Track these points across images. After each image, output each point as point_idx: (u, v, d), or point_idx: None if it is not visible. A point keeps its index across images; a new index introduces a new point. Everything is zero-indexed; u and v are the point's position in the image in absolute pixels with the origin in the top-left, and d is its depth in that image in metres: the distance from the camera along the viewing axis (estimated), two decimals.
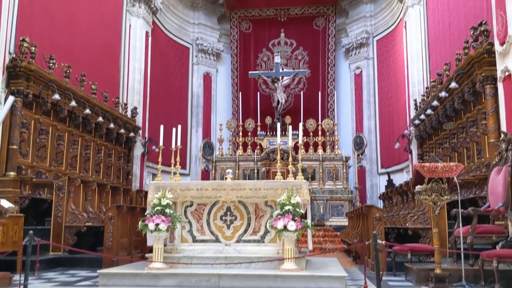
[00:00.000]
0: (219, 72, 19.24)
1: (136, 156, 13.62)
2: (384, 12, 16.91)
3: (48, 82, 8.99)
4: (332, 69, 18.19)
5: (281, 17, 18.79)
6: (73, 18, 10.74)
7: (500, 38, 6.96)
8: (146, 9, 14.46)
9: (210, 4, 18.74)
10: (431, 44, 12.19)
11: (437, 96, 9.82)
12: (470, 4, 9.20)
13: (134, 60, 13.83)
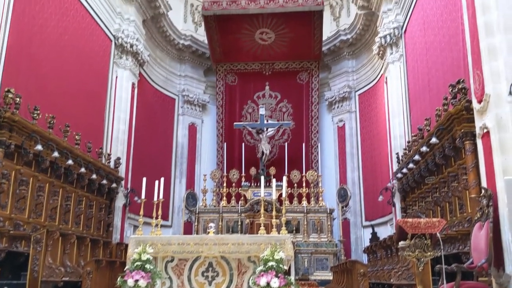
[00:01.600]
0: (205, 122, 19.40)
1: (118, 207, 13.41)
2: (366, 68, 17.43)
3: (31, 133, 8.94)
4: (315, 121, 18.48)
5: (266, 71, 19.21)
6: (60, 69, 10.85)
7: (477, 96, 7.19)
8: (133, 61, 14.69)
9: (197, 58, 19.13)
10: (412, 100, 12.53)
11: (419, 150, 9.99)
12: (448, 63, 9.55)
13: (119, 110, 13.89)
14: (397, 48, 13.49)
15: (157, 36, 17.20)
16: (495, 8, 6.94)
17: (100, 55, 13.24)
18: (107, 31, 13.53)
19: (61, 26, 10.90)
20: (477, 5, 7.22)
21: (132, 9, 14.57)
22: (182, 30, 18.38)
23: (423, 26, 11.37)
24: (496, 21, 6.88)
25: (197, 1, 19.24)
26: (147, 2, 15.18)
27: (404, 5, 12.96)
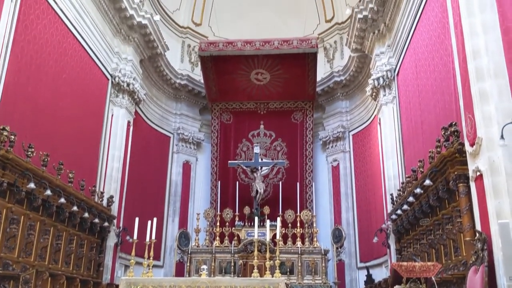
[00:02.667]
0: (199, 160, 19.42)
1: (109, 246, 13.20)
2: (359, 109, 17.65)
3: (25, 171, 8.89)
4: (310, 160, 18.53)
5: (261, 110, 19.40)
6: (56, 107, 10.91)
7: (470, 139, 7.28)
8: (130, 100, 14.81)
9: (193, 96, 19.33)
10: (405, 141, 12.63)
11: (413, 192, 9.99)
12: (440, 105, 9.69)
13: (114, 148, 13.90)
14: (390, 90, 13.71)
15: (154, 75, 17.42)
16: (485, 54, 7.14)
17: (97, 93, 13.35)
18: (105, 70, 13.70)
19: (59, 65, 11.03)
20: (468, 51, 7.42)
21: (130, 49, 14.80)
22: (179, 70, 18.66)
23: (416, 69, 11.60)
24: (486, 66, 7.07)
25: (194, 42, 19.63)
26: (145, 42, 15.44)
27: (396, 49, 13.25)
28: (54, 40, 10.81)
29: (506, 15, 7.17)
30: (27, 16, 9.70)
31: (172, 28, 19.13)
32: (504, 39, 7.09)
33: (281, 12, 20.15)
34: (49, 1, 10.51)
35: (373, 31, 14.26)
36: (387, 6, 13.22)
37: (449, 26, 8.52)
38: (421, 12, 10.90)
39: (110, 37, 13.97)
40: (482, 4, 7.34)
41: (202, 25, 20.42)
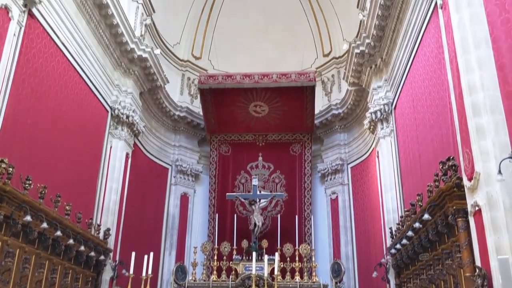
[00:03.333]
0: (197, 193, 19.35)
1: (105, 280, 12.97)
2: (357, 141, 17.72)
3: (22, 203, 8.84)
4: (308, 193, 18.47)
5: (259, 142, 19.46)
6: (55, 139, 10.94)
7: (467, 174, 7.29)
8: (129, 132, 14.86)
9: (192, 128, 19.43)
10: (403, 174, 12.63)
11: (412, 226, 9.92)
12: (438, 139, 9.75)
13: (111, 180, 13.86)
14: (388, 123, 13.80)
15: (153, 107, 17.55)
16: (481, 89, 7.22)
17: (96, 125, 13.42)
18: (104, 102, 13.80)
19: (59, 98, 11.12)
20: (464, 86, 7.51)
21: (130, 82, 14.95)
22: (178, 102, 18.81)
23: (413, 103, 11.71)
24: (482, 102, 7.14)
25: (194, 75, 19.88)
26: (145, 75, 15.61)
27: (393, 83, 13.41)
28: (55, 73, 10.94)
29: (501, 51, 7.29)
30: (29, 49, 9.85)
31: (172, 61, 19.40)
32: (499, 75, 7.18)
33: (279, 46, 20.48)
34: (51, 35, 10.68)
35: (370, 65, 14.46)
36: (383, 41, 13.45)
37: (445, 62, 8.65)
38: (417, 47, 11.08)
39: (111, 70, 14.13)
40: (477, 41, 7.47)
41: (202, 58, 20.73)
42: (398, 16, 12.15)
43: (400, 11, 11.98)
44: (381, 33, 13.32)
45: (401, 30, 12.12)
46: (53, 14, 10.69)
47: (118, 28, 13.42)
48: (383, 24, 12.98)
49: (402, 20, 11.98)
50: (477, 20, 7.59)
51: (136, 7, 15.62)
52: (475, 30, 7.54)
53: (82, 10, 12.02)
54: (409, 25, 11.44)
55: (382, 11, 12.53)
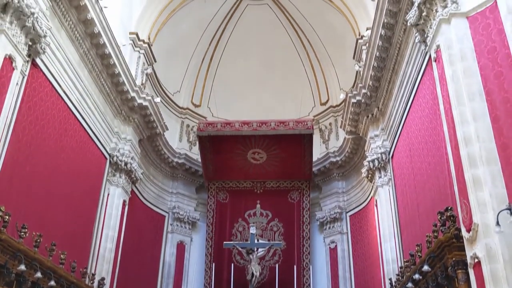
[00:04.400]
0: (194, 241, 19.10)
1: None
2: (356, 190, 17.69)
3: (16, 252, 8.70)
4: (307, 242, 18.24)
5: (257, 189, 19.41)
6: (53, 186, 10.92)
7: (466, 225, 7.27)
8: (127, 179, 14.86)
9: (190, 175, 19.43)
10: (402, 224, 12.55)
11: (411, 277, 9.75)
12: (435, 189, 9.76)
13: (108, 228, 13.71)
14: (385, 172, 13.84)
15: (152, 154, 17.61)
16: (476, 140, 7.32)
17: (94, 172, 13.42)
18: (103, 149, 13.86)
19: (58, 145, 11.19)
20: (459, 137, 7.61)
21: (130, 129, 15.09)
22: (176, 149, 18.91)
23: (410, 152, 11.80)
24: (478, 153, 7.22)
25: (193, 122, 20.11)
26: (145, 123, 15.77)
27: (390, 132, 13.55)
28: (56, 121, 11.06)
29: (495, 104, 7.44)
30: (31, 98, 10.00)
31: (172, 109, 19.67)
32: (494, 127, 7.30)
33: (278, 94, 20.85)
34: (53, 84, 10.87)
35: (366, 114, 14.66)
36: (380, 91, 13.70)
37: (440, 113, 8.79)
38: (413, 98, 11.27)
39: (111, 117, 14.29)
40: (471, 93, 7.64)
41: (201, 106, 21.04)
42: (394, 68, 12.44)
43: (395, 63, 12.28)
44: (377, 84, 13.59)
45: (397, 81, 12.37)
46: (56, 64, 10.92)
47: (120, 77, 13.68)
48: (379, 75, 13.27)
49: (397, 72, 12.26)
50: (471, 73, 7.80)
51: (138, 56, 16.00)
52: (469, 83, 7.74)
53: (84, 59, 12.29)
54: (405, 76, 11.70)
55: (377, 62, 12.83)
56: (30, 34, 9.34)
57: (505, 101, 7.28)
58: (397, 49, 11.96)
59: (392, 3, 11.07)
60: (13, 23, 8.90)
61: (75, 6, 11.11)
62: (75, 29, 11.51)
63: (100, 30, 12.06)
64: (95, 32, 11.98)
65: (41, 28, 9.41)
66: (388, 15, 11.37)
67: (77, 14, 11.34)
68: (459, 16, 8.24)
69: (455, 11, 8.25)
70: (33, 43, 9.57)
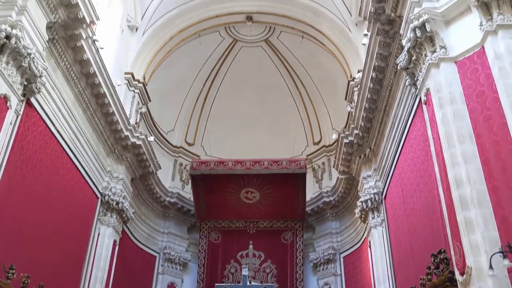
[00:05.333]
0: (184, 282, 18.75)
1: None
2: (349, 230, 17.57)
3: None
4: (300, 284, 17.97)
5: (250, 229, 19.22)
6: (43, 226, 10.75)
7: (459, 268, 7.21)
8: (118, 218, 14.68)
9: (182, 215, 19.25)
10: (396, 265, 12.42)
11: None
12: (428, 231, 9.72)
13: (97, 269, 13.42)
14: (379, 213, 13.81)
15: (144, 193, 17.48)
16: (467, 183, 7.35)
17: (85, 211, 13.27)
18: (95, 188, 13.76)
19: (49, 184, 11.10)
20: (451, 179, 7.65)
21: (122, 168, 15.03)
22: (169, 188, 18.81)
23: (402, 193, 11.81)
24: (470, 195, 7.24)
25: (186, 161, 20.11)
26: (138, 162, 15.74)
27: (383, 173, 13.60)
28: (48, 159, 11.02)
29: (485, 146, 7.52)
30: (24, 137, 9.99)
31: (165, 147, 19.70)
32: (485, 169, 7.35)
33: (271, 133, 21.00)
34: (47, 123, 10.89)
35: (359, 155, 14.75)
36: (371, 132, 13.84)
37: (431, 155, 8.86)
38: (404, 139, 11.39)
39: (104, 156, 14.26)
40: (461, 136, 7.73)
41: (194, 144, 21.11)
42: (385, 109, 12.62)
43: (386, 104, 12.47)
44: (369, 125, 13.75)
45: (388, 122, 12.53)
46: (50, 103, 10.98)
47: (114, 116, 13.75)
48: (371, 116, 13.44)
49: (389, 113, 12.43)
50: (460, 116, 7.92)
51: (133, 96, 16.15)
52: (458, 126, 7.84)
53: (79, 99, 12.37)
54: (396, 118, 11.86)
55: (369, 104, 13.03)
56: (26, 74, 9.43)
57: (495, 144, 7.36)
58: (388, 91, 12.17)
59: (383, 47, 11.34)
60: (10, 63, 8.99)
61: (72, 47, 11.27)
62: (71, 69, 11.65)
63: (95, 70, 12.19)
64: (90, 72, 12.11)
65: (37, 68, 9.50)
66: (379, 58, 11.63)
67: (73, 54, 11.49)
68: (448, 60, 8.43)
69: (444, 56, 8.45)
70: (28, 82, 9.64)
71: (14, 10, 9.01)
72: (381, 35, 11.12)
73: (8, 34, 8.71)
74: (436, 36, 8.61)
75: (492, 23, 7.87)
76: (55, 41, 10.77)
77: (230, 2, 17.52)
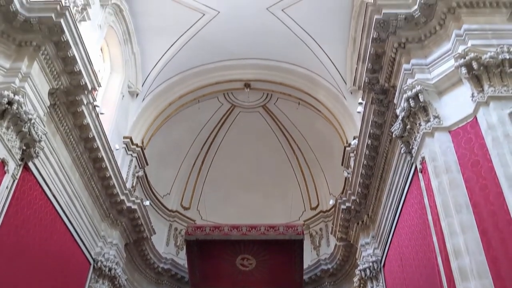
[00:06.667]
0: None
1: None
2: None
3: None
4: None
5: None
6: None
7: None
8: (110, 286, 14.22)
9: (175, 281, 18.75)
10: None
11: None
12: None
13: None
14: (378, 282, 13.47)
15: (138, 259, 17.10)
16: (466, 253, 7.27)
17: (77, 278, 12.92)
18: (88, 254, 13.44)
19: (42, 250, 10.86)
20: (449, 250, 7.56)
21: (117, 233, 14.81)
22: (163, 253, 18.45)
23: (401, 262, 11.59)
24: (469, 266, 7.13)
25: (181, 226, 19.88)
26: (133, 226, 15.54)
27: (381, 240, 13.42)
28: (42, 224, 10.86)
29: (482, 216, 7.48)
30: (19, 201, 9.89)
31: (160, 211, 19.54)
32: (483, 239, 7.28)
33: (268, 197, 20.93)
34: (43, 187, 10.81)
35: (357, 221, 14.61)
36: (369, 199, 13.79)
37: (429, 223, 8.79)
38: (401, 206, 11.33)
39: (98, 221, 14.08)
40: (458, 205, 7.72)
41: (190, 208, 20.97)
42: (382, 176, 12.66)
43: (383, 171, 12.52)
44: (365, 191, 13.73)
45: (385, 189, 12.52)
46: (47, 167, 10.96)
47: (111, 180, 13.72)
48: (367, 183, 13.45)
49: (385, 180, 12.46)
50: (456, 185, 7.94)
51: (130, 160, 16.23)
52: (455, 195, 7.85)
53: (77, 163, 12.38)
54: (392, 185, 11.86)
55: (365, 170, 13.07)
56: (25, 139, 9.46)
57: (492, 214, 7.33)
58: (384, 158, 12.26)
59: (377, 115, 11.56)
60: (10, 128, 9.04)
61: (73, 112, 11.43)
62: (70, 133, 11.74)
63: (94, 135, 12.30)
64: (89, 137, 12.20)
65: (36, 133, 9.54)
66: (374, 126, 11.81)
67: (73, 119, 11.62)
68: (442, 130, 8.57)
69: (438, 126, 8.61)
70: (27, 147, 9.65)
71: (18, 77, 9.17)
72: (376, 104, 11.36)
73: (10, 100, 8.78)
74: (430, 106, 8.82)
75: (484, 94, 8.09)
76: (56, 106, 10.93)
77: (229, 70, 18.04)
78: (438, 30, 9.38)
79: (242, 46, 17.17)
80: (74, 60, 10.32)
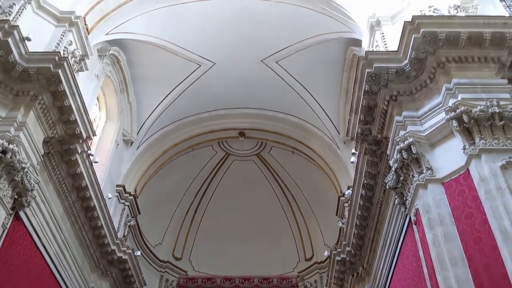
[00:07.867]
0: None
1: None
2: None
3: None
4: None
5: None
6: None
7: None
8: None
9: None
10: None
11: None
12: None
13: None
14: None
15: None
16: None
17: None
18: None
19: None
20: None
21: (106, 285, 14.45)
22: None
23: None
24: None
25: (173, 277, 19.47)
26: (123, 277, 15.18)
27: None
28: (30, 275, 10.57)
29: (478, 269, 7.38)
30: (8, 251, 9.68)
31: (152, 262, 19.15)
32: None
33: (262, 248, 20.62)
34: (33, 237, 10.61)
35: (352, 273, 14.37)
36: (363, 250, 13.62)
37: (425, 276, 8.66)
38: (396, 259, 11.18)
39: (88, 271, 13.73)
40: (453, 258, 7.63)
41: (182, 259, 20.59)
42: (376, 227, 12.56)
43: (377, 222, 12.43)
44: (360, 242, 13.57)
45: (380, 240, 12.40)
46: (39, 216, 10.79)
47: (102, 229, 13.50)
48: (362, 233, 13.32)
49: (380, 231, 12.35)
50: (451, 237, 7.89)
51: (122, 208, 16.06)
52: (449, 248, 7.77)
53: (68, 212, 12.21)
54: (387, 236, 11.75)
55: (360, 221, 12.98)
56: (18, 188, 9.35)
57: (487, 267, 7.25)
58: (378, 208, 12.21)
59: (371, 166, 11.60)
60: (2, 177, 8.95)
61: (66, 161, 11.38)
62: (63, 182, 11.65)
63: (87, 184, 12.19)
64: (82, 186, 12.09)
65: (29, 182, 9.45)
66: (368, 176, 11.83)
67: (67, 168, 11.55)
68: (435, 182, 8.58)
69: (431, 177, 8.63)
70: (19, 196, 9.52)
71: (13, 126, 9.18)
72: (369, 154, 11.42)
73: (4, 148, 8.76)
74: (422, 158, 8.87)
75: (475, 147, 8.17)
76: (50, 155, 10.89)
77: (224, 119, 18.23)
78: (428, 83, 9.55)
79: (237, 96, 17.44)
80: (70, 110, 10.40)
